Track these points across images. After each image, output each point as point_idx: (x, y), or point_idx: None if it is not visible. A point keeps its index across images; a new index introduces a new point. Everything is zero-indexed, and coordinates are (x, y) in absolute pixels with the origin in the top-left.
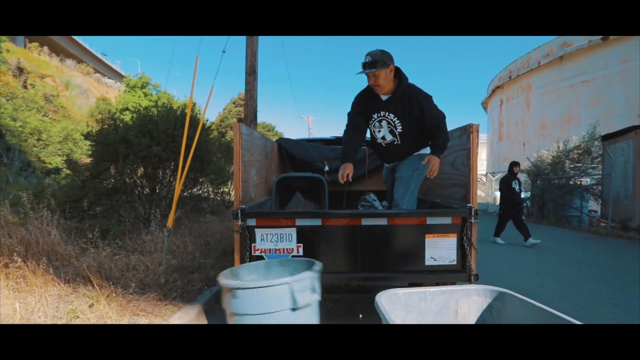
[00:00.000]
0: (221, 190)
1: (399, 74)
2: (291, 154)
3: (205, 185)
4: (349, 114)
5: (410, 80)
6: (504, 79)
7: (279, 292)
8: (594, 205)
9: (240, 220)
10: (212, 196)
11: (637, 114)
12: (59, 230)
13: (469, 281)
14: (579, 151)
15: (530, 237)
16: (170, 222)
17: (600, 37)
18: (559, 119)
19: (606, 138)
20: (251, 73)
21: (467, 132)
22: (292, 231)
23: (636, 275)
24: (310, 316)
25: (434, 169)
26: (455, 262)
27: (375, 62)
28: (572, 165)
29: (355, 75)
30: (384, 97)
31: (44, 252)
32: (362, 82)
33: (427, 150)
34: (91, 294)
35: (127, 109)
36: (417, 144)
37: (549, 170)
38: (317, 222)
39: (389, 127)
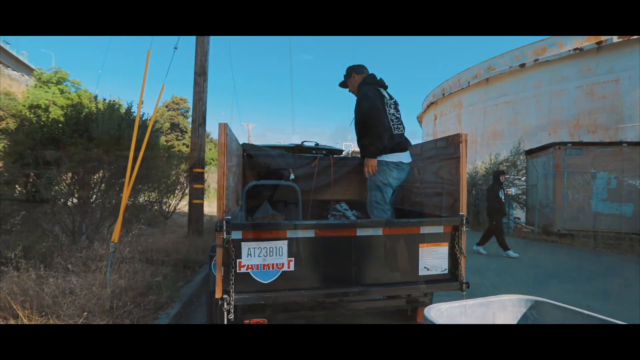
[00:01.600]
0: (161, 200)
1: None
2: (256, 160)
3: (148, 194)
4: None
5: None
6: (438, 95)
7: None
8: (519, 212)
9: (225, 233)
10: (149, 207)
11: (548, 133)
12: None
13: (461, 289)
14: (507, 164)
15: (482, 247)
16: (115, 235)
17: (519, 64)
18: (486, 134)
19: (529, 153)
20: (201, 74)
21: (456, 141)
22: (283, 244)
23: (570, 275)
24: None
25: (366, 170)
26: (447, 271)
27: (344, 76)
28: None
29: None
30: None
31: None
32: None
33: (401, 154)
34: None
35: (38, 106)
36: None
37: (482, 181)
38: (311, 233)
39: None
